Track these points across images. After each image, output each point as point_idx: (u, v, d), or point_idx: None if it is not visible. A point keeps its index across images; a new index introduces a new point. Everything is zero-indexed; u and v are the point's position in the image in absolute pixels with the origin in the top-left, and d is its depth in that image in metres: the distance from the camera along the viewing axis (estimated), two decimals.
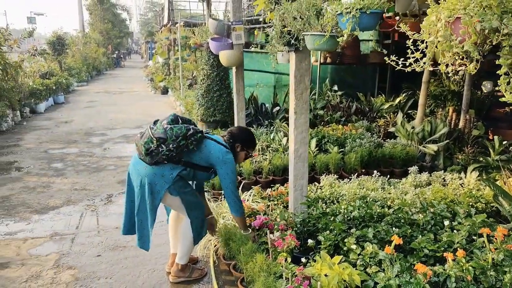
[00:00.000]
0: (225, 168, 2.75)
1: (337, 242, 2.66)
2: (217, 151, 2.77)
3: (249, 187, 4.26)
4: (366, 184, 4.06)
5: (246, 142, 2.96)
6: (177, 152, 2.63)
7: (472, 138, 5.09)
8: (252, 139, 3.04)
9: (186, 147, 2.66)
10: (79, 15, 28.77)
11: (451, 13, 1.71)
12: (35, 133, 8.28)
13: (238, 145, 2.93)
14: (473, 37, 1.62)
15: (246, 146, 2.96)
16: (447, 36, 1.72)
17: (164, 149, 2.59)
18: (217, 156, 2.75)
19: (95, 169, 5.84)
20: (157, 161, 2.65)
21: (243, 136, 2.97)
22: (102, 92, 15.44)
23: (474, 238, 2.54)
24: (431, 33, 1.71)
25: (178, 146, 2.61)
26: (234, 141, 2.92)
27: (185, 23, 14.05)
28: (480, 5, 1.62)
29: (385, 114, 6.65)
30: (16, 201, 4.63)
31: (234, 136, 2.93)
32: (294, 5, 2.37)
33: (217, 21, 4.83)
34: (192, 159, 2.75)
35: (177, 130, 2.61)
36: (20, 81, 9.94)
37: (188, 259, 3.00)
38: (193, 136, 2.66)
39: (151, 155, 2.61)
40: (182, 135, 2.61)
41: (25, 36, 10.91)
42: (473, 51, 1.66)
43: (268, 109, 7.10)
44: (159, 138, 2.58)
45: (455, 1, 1.71)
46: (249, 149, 3.01)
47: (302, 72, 2.85)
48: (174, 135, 2.60)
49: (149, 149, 2.59)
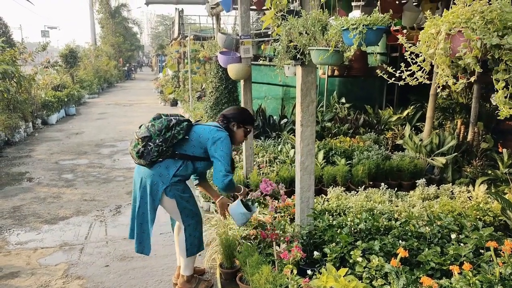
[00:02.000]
0: (218, 144, 2.69)
1: (343, 254, 2.66)
2: (207, 131, 2.75)
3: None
4: (373, 196, 4.06)
5: (241, 119, 2.89)
6: (167, 145, 2.64)
7: (481, 151, 5.06)
8: (247, 114, 2.98)
9: (174, 138, 2.66)
10: (91, 29, 29.35)
11: (452, 26, 1.73)
12: (47, 144, 8.42)
13: (234, 123, 2.87)
14: (475, 51, 1.64)
15: (242, 122, 2.89)
16: (447, 49, 1.73)
17: (152, 146, 2.63)
18: (207, 136, 2.73)
19: (105, 180, 5.92)
20: (151, 160, 2.67)
21: (236, 113, 2.91)
22: (113, 104, 15.66)
23: (482, 252, 2.52)
24: (430, 46, 1.73)
25: (165, 139, 2.63)
26: (228, 121, 2.87)
27: (195, 36, 14.26)
28: (482, 19, 1.64)
29: (393, 126, 6.65)
30: (27, 211, 4.71)
31: (227, 117, 2.88)
32: (300, 21, 2.42)
33: (226, 35, 4.92)
34: (186, 150, 2.74)
35: (158, 124, 2.66)
36: (33, 93, 10.15)
37: (192, 269, 3.01)
38: (178, 126, 2.67)
39: (143, 156, 2.66)
40: (165, 127, 2.64)
41: (39, 50, 11.20)
42: (475, 64, 1.67)
43: (276, 121, 7.15)
44: (144, 137, 2.64)
45: (456, 14, 1.73)
46: (246, 125, 2.92)
47: (308, 85, 2.89)
48: (156, 129, 2.64)
49: (138, 151, 2.65)
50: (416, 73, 1.86)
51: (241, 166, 5.20)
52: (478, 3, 1.64)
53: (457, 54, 1.67)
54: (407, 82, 1.97)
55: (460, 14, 1.66)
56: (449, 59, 1.70)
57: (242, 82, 4.81)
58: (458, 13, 1.68)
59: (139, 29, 38.94)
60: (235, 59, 4.68)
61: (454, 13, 1.72)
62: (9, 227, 4.28)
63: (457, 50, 1.63)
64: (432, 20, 1.75)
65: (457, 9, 1.69)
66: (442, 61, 1.70)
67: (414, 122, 6.72)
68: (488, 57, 1.61)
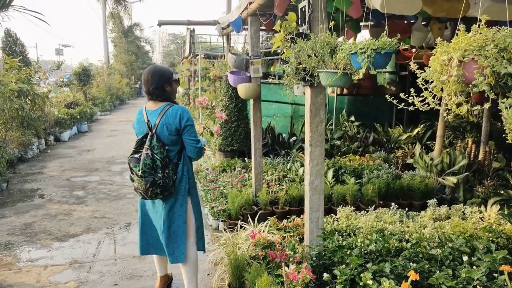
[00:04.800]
0: (186, 122, 2.91)
1: (353, 276, 2.63)
2: (169, 120, 2.85)
3: (265, 217, 4.27)
4: (383, 216, 4.02)
5: (166, 76, 2.96)
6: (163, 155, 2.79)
7: (493, 171, 5.01)
8: (165, 69, 3.06)
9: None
10: (105, 47, 29.99)
11: (465, 54, 1.73)
12: (59, 161, 8.54)
13: (165, 86, 2.95)
14: (489, 78, 1.63)
15: (169, 79, 2.97)
16: (460, 76, 1.73)
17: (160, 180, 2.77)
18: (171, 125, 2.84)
19: (115, 197, 5.96)
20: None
21: (156, 80, 2.92)
22: (124, 121, 15.88)
23: (495, 276, 2.47)
24: (442, 73, 1.75)
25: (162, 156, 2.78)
26: (162, 90, 2.93)
27: (205, 55, 14.47)
28: (495, 47, 1.64)
29: (403, 145, 6.62)
30: (38, 228, 4.76)
31: (157, 88, 2.92)
32: (309, 44, 2.47)
33: (236, 55, 5.01)
34: (165, 143, 2.84)
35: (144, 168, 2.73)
36: (46, 111, 10.36)
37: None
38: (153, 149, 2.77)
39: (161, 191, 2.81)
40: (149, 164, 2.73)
41: (53, 68, 11.47)
42: (489, 91, 1.66)
43: (285, 139, 7.17)
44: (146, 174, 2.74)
45: (468, 42, 1.73)
46: (171, 79, 3.00)
47: (317, 106, 2.92)
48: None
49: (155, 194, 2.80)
50: (428, 99, 1.87)
51: (250, 184, 5.20)
52: (490, 30, 1.65)
53: (474, 82, 1.67)
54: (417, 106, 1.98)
55: (472, 41, 1.67)
56: (462, 86, 1.70)
57: (251, 101, 4.86)
58: (470, 41, 1.69)
59: (151, 47, 39.66)
60: (245, 79, 4.75)
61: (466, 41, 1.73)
62: (20, 244, 4.32)
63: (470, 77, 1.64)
64: (442, 46, 1.77)
65: (469, 36, 1.71)
66: (455, 88, 1.70)
67: (425, 141, 6.68)
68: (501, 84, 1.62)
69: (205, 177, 5.98)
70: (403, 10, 3.49)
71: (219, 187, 5.37)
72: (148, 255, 3.32)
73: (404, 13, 3.75)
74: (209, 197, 5.03)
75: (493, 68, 1.53)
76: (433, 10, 3.72)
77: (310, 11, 2.71)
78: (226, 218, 4.50)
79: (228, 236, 3.75)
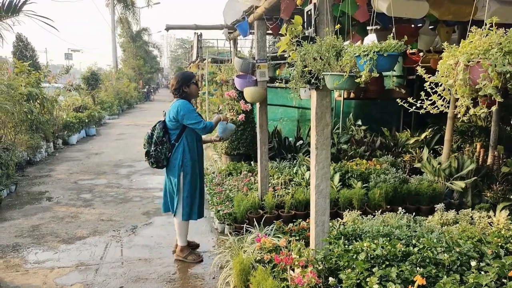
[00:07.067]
0: (181, 112, 3.65)
1: (359, 281, 2.61)
2: (171, 110, 3.71)
3: (270, 221, 4.26)
4: (390, 221, 3.99)
5: (185, 80, 3.79)
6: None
7: (502, 175, 4.94)
8: (186, 74, 3.90)
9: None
10: (113, 52, 30.26)
11: (470, 57, 1.73)
12: (67, 164, 8.61)
13: (182, 86, 3.76)
14: (495, 81, 1.62)
15: (187, 81, 3.79)
16: (466, 80, 1.72)
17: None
18: (171, 114, 3.70)
19: (122, 200, 5.99)
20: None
21: (179, 80, 3.77)
22: (132, 125, 15.98)
23: (504, 281, 2.44)
24: (449, 77, 1.73)
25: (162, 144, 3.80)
26: (180, 88, 3.75)
27: (212, 59, 14.53)
28: (500, 51, 1.63)
29: (410, 149, 6.57)
30: (45, 230, 4.79)
31: (176, 88, 3.77)
32: (315, 47, 2.47)
33: (243, 59, 5.02)
34: (169, 127, 3.78)
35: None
36: (55, 114, 10.46)
37: (184, 240, 3.87)
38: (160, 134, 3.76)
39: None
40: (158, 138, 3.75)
41: (62, 73, 11.60)
42: (495, 95, 1.65)
43: (291, 143, 7.16)
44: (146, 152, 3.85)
45: (474, 46, 1.73)
46: (191, 80, 3.82)
47: (323, 109, 2.91)
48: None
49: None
50: (437, 102, 1.86)
51: (256, 188, 5.20)
52: (496, 34, 1.64)
53: (477, 86, 1.67)
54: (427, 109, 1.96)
55: (477, 45, 1.66)
56: (469, 89, 1.69)
57: (258, 104, 4.86)
58: (476, 44, 1.68)
59: (159, 52, 39.97)
60: (251, 83, 4.76)
61: (472, 44, 1.72)
62: (27, 246, 4.35)
63: (477, 81, 1.63)
64: (450, 50, 1.76)
65: (474, 40, 1.70)
66: (462, 91, 1.69)
67: (432, 145, 6.62)
68: (509, 86, 1.61)
69: (211, 181, 5.99)
70: (410, 13, 3.48)
71: (225, 190, 5.37)
72: (155, 258, 3.93)
73: (411, 17, 3.74)
74: (215, 200, 5.03)
75: (495, 68, 1.52)
76: (440, 13, 3.70)
77: (316, 14, 2.71)
78: (231, 222, 4.49)
79: (233, 239, 3.75)
